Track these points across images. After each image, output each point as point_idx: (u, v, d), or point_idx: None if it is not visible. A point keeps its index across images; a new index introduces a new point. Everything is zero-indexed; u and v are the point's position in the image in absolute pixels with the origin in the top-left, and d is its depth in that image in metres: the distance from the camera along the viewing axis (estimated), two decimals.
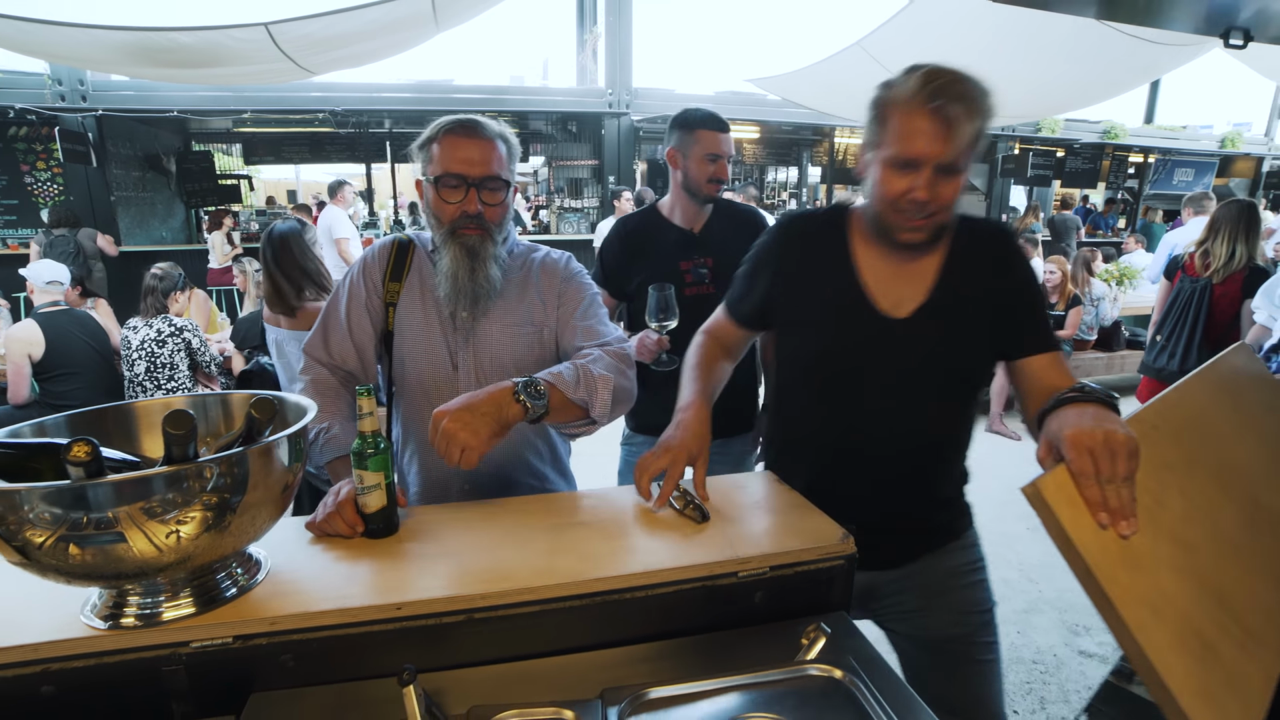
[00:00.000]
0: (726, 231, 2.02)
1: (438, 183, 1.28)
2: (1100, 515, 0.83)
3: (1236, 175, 12.11)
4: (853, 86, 7.03)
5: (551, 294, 1.41)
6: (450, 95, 8.58)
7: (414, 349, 1.36)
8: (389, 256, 1.40)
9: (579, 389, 1.19)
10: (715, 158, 1.88)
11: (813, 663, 0.90)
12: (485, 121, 1.30)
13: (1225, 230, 3.20)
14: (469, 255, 1.29)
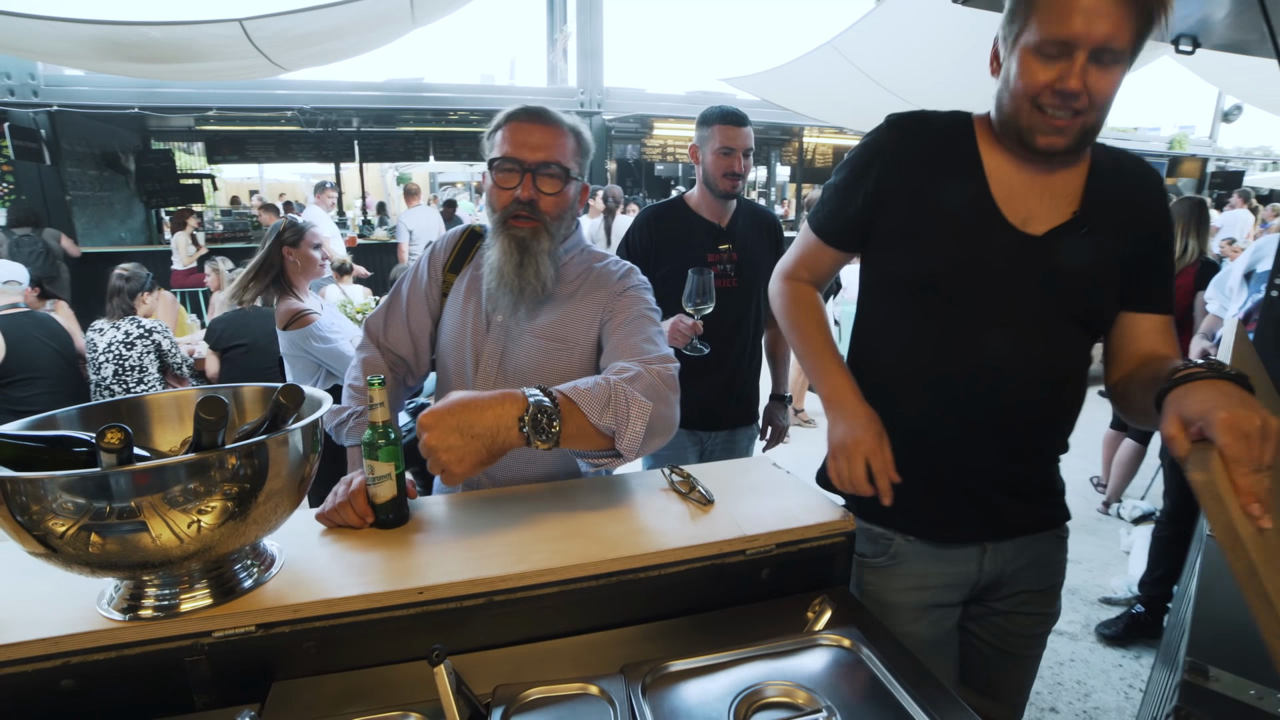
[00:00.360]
0: (750, 229, 2.07)
1: (493, 166, 1.22)
2: (1253, 506, 0.73)
3: (1184, 175, 12.61)
4: (824, 86, 7.17)
5: (595, 308, 1.29)
6: (420, 94, 8.50)
7: (447, 343, 1.35)
8: (454, 246, 1.39)
9: (606, 413, 1.01)
10: (729, 151, 1.93)
11: (822, 633, 0.95)
12: (555, 112, 1.25)
13: (1179, 226, 3.35)
14: (518, 248, 1.21)
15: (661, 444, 1.11)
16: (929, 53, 6.14)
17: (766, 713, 0.82)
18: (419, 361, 1.40)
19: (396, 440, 1.03)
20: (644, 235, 2.04)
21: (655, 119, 10.45)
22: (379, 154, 9.23)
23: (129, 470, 0.71)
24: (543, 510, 1.12)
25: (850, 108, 7.90)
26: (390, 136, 9.10)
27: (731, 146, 1.93)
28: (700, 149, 1.99)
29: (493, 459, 0.94)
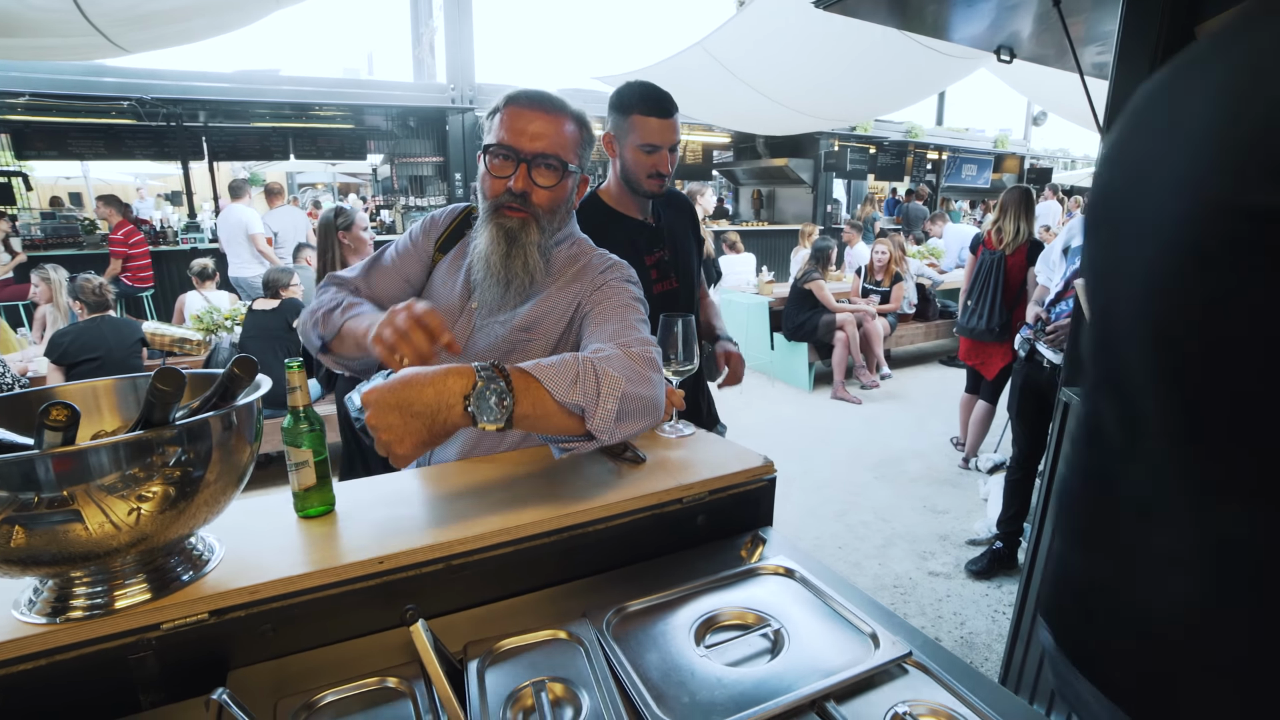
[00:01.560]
0: (673, 218, 1.83)
1: (487, 152, 1.18)
2: None
3: (1007, 171, 14.32)
4: (696, 85, 7.46)
5: (570, 298, 1.25)
6: (277, 86, 7.93)
7: None
8: (448, 223, 1.37)
9: (574, 390, 0.94)
10: (653, 149, 1.61)
11: (760, 563, 1.05)
12: (559, 98, 1.20)
13: (1011, 211, 3.85)
14: (506, 238, 1.17)
15: (644, 428, 1.03)
16: (791, 54, 6.58)
17: (722, 633, 0.90)
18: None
19: (318, 426, 1.00)
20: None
21: None
22: (232, 152, 8.48)
23: (79, 449, 0.67)
24: (482, 480, 1.14)
25: (720, 106, 8.29)
26: (244, 133, 8.40)
27: (656, 143, 1.60)
28: (616, 141, 1.66)
29: (435, 439, 0.88)
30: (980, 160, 13.87)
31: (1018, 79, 8.61)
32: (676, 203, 1.90)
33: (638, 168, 1.64)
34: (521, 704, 0.77)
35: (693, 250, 1.88)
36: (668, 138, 1.61)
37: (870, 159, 12.32)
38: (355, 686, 0.80)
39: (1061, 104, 9.75)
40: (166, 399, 0.71)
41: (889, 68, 6.81)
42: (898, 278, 6.21)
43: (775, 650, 0.86)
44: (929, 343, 6.92)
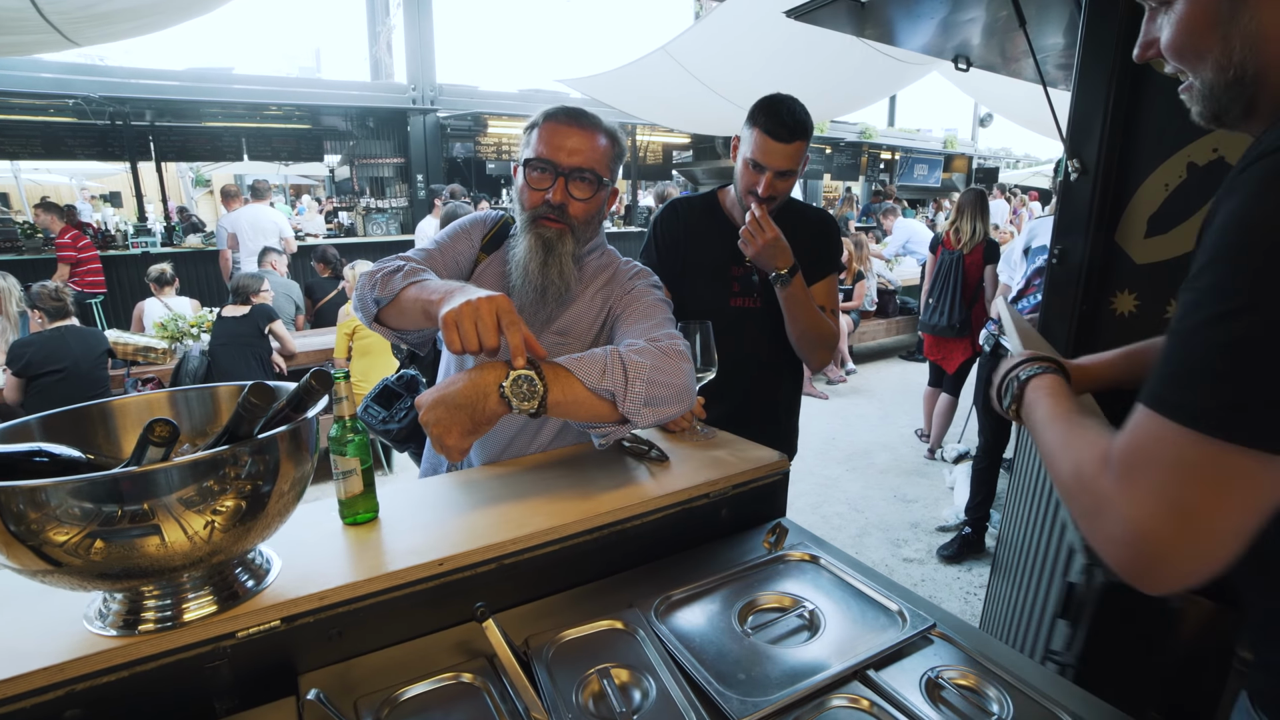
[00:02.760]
0: (794, 239, 1.62)
1: (527, 165, 1.24)
2: None
3: (956, 171, 14.86)
4: (658, 89, 7.55)
5: (601, 303, 1.34)
6: (230, 85, 7.70)
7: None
8: (492, 225, 1.41)
9: (605, 378, 1.02)
10: (759, 167, 1.54)
11: (786, 552, 1.12)
12: (594, 115, 1.26)
13: (968, 212, 4.04)
14: (544, 248, 1.23)
15: (675, 413, 1.10)
16: (753, 60, 6.72)
17: (763, 615, 0.98)
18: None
19: (362, 434, 1.04)
20: (674, 226, 1.72)
21: (489, 116, 10.31)
22: (181, 153, 8.18)
23: (175, 464, 0.70)
24: (521, 481, 1.19)
25: (682, 111, 8.39)
26: (195, 133, 8.11)
27: (761, 162, 1.53)
28: (740, 147, 1.61)
29: (479, 427, 0.98)
30: (931, 160, 14.36)
31: (966, 82, 8.97)
32: (809, 224, 1.73)
33: (741, 179, 1.60)
34: (590, 689, 0.83)
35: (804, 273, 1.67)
36: (776, 161, 1.52)
37: (826, 159, 12.63)
38: (432, 682, 0.84)
39: (1007, 107, 10.19)
40: (257, 413, 0.74)
41: (846, 71, 7.02)
42: (859, 276, 6.42)
43: (812, 629, 0.94)
44: (890, 338, 7.16)
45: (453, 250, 1.38)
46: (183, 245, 7.54)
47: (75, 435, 0.90)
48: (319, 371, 0.81)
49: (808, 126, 1.52)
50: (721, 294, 1.69)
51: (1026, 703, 0.81)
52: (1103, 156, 1.85)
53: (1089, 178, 1.87)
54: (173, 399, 0.96)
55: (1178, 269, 1.79)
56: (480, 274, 1.39)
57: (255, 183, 6.47)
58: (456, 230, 1.41)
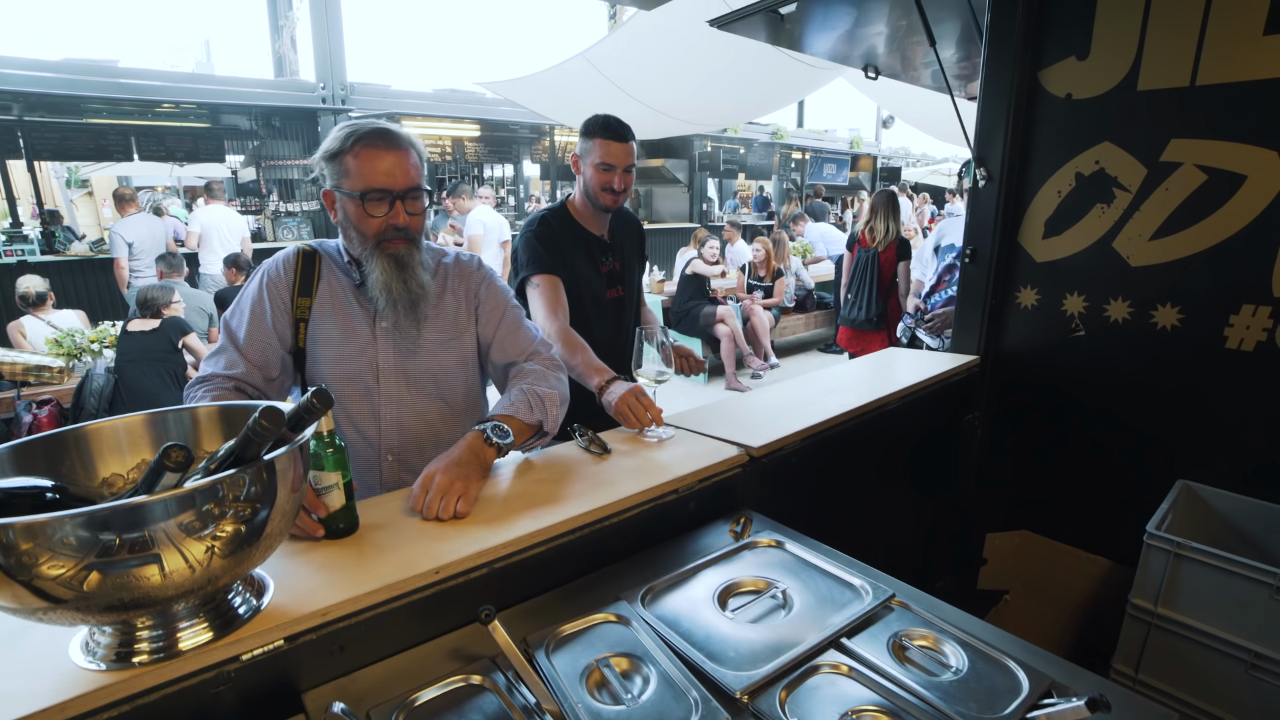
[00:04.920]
0: (624, 236, 2.08)
1: (364, 198, 1.26)
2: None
3: (862, 170, 15.66)
4: (578, 94, 7.58)
5: (468, 297, 1.45)
6: (116, 80, 7.13)
7: (332, 364, 1.34)
8: (295, 269, 1.35)
9: (534, 413, 1.33)
10: (608, 167, 1.85)
11: (753, 539, 1.21)
12: (397, 129, 1.29)
13: (881, 212, 4.32)
14: (398, 266, 1.29)
15: (564, 411, 1.41)
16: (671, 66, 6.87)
17: (740, 598, 1.06)
18: (273, 392, 1.35)
19: (343, 448, 1.05)
20: (552, 234, 1.90)
21: (404, 117, 10.02)
22: (59, 151, 7.49)
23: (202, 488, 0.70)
24: (491, 490, 1.22)
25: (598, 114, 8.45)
26: (75, 130, 7.44)
27: (611, 163, 1.85)
28: (581, 160, 1.91)
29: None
30: (839, 160, 15.06)
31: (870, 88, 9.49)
32: (627, 222, 2.13)
33: (596, 183, 1.88)
34: (594, 678, 0.88)
35: (636, 264, 2.14)
36: (622, 159, 1.87)
37: (741, 159, 13.01)
38: (441, 686, 0.87)
39: (906, 110, 10.86)
40: (266, 436, 0.74)
41: (761, 76, 7.29)
42: (779, 273, 6.69)
43: (786, 607, 1.03)
44: (808, 332, 7.49)
45: (259, 328, 1.32)
46: (68, 253, 6.92)
47: (48, 463, 0.87)
48: (320, 390, 0.82)
49: (632, 131, 1.90)
50: (600, 287, 1.98)
51: (978, 655, 0.93)
52: (1005, 165, 2.05)
53: (994, 184, 2.07)
54: (150, 422, 0.94)
55: (1070, 267, 2.02)
56: (318, 326, 1.34)
57: (211, 183, 6.13)
58: (253, 302, 1.34)
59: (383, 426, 1.37)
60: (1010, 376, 2.21)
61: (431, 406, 1.42)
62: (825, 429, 1.57)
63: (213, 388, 1.26)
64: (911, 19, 2.47)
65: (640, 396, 1.50)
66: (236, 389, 1.29)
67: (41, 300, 4.28)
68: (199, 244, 6.03)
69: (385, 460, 1.39)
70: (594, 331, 1.87)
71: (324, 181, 1.31)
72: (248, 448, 0.75)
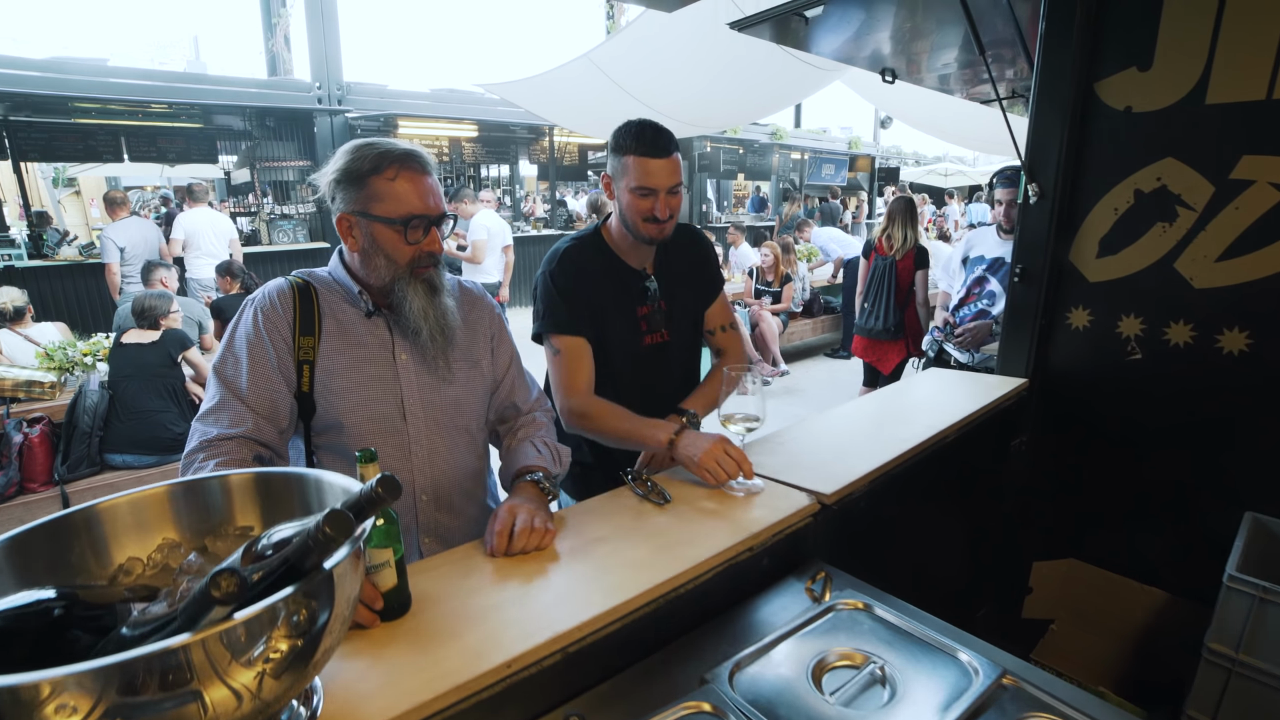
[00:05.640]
0: (678, 262, 1.68)
1: (407, 225, 1.17)
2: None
3: (860, 170, 15.60)
4: (580, 96, 7.45)
5: (483, 326, 1.40)
6: (105, 80, 6.95)
7: (353, 407, 1.22)
8: (293, 306, 1.22)
9: (558, 464, 1.35)
10: (648, 192, 1.47)
11: (835, 601, 1.11)
12: (423, 151, 1.21)
13: (898, 219, 4.23)
14: (432, 292, 1.23)
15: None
16: (675, 68, 6.76)
17: (836, 675, 0.96)
18: (281, 444, 1.22)
19: (394, 520, 0.93)
20: (573, 276, 1.57)
21: (401, 117, 9.87)
22: (45, 152, 7.29)
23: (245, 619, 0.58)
24: (550, 561, 1.11)
25: (600, 116, 8.33)
26: (62, 130, 7.25)
27: (651, 186, 1.46)
28: (614, 182, 1.54)
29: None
30: (837, 160, 15.00)
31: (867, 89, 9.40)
32: (683, 243, 1.71)
33: (633, 212, 1.51)
34: None
35: (696, 297, 1.73)
36: (664, 179, 1.47)
37: (740, 160, 12.93)
38: None
39: (904, 111, 10.78)
40: (331, 548, 0.63)
41: (763, 77, 7.18)
42: (787, 278, 6.60)
43: (888, 687, 0.93)
44: (815, 337, 7.42)
45: (262, 373, 1.18)
46: (57, 258, 6.73)
47: (54, 553, 0.76)
48: (387, 479, 0.69)
49: (675, 141, 1.51)
50: (634, 334, 1.64)
51: None
52: (1058, 181, 1.96)
53: (1046, 201, 1.98)
54: (173, 495, 0.82)
55: (1127, 287, 1.93)
56: (330, 368, 1.22)
57: (193, 185, 6.00)
58: (250, 343, 1.19)
59: (415, 466, 1.27)
60: (1060, 400, 2.12)
61: (459, 439, 1.33)
62: (891, 468, 1.47)
63: (221, 455, 1.10)
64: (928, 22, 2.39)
65: (729, 448, 1.32)
66: (249, 451, 1.15)
67: (20, 315, 4.06)
68: (184, 249, 5.86)
69: (420, 500, 1.28)
70: (619, 387, 1.58)
71: (338, 203, 1.19)
72: (306, 557, 0.63)
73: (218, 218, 6.17)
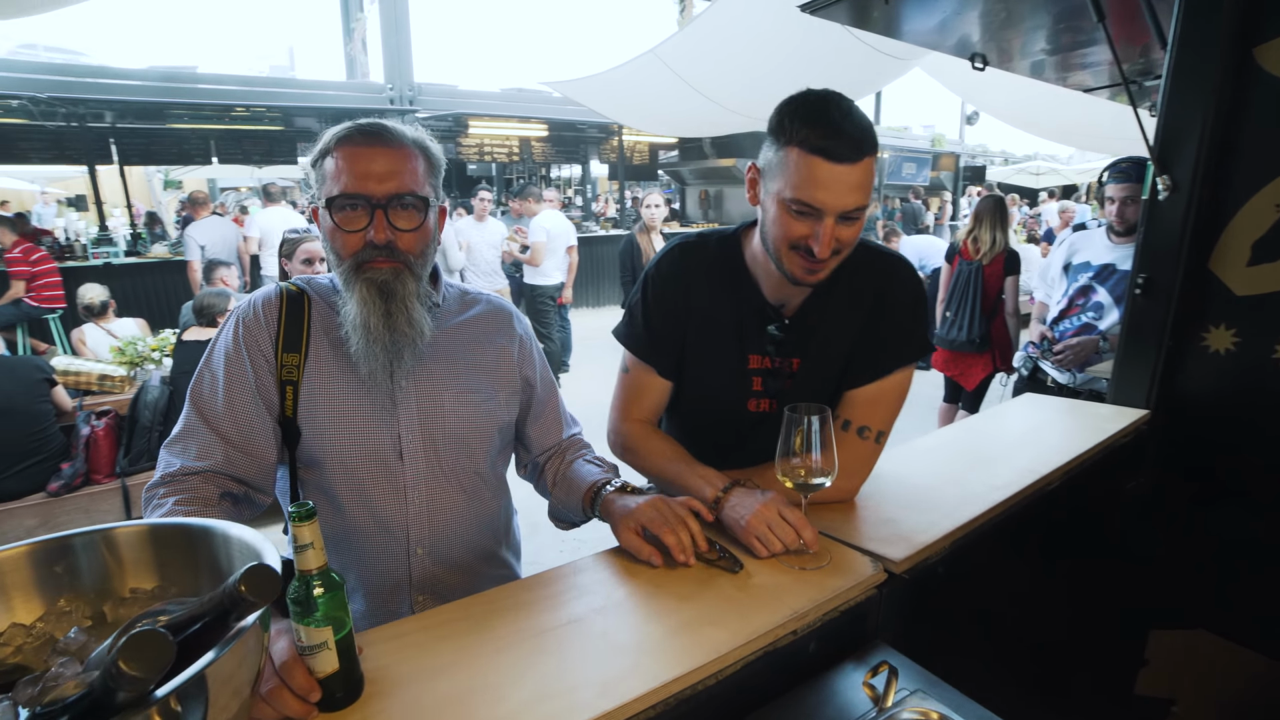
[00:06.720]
0: (841, 310, 1.18)
1: (332, 206, 0.98)
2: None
3: (944, 169, 14.76)
4: (645, 93, 7.27)
5: (508, 348, 1.20)
6: (195, 85, 7.30)
7: (339, 437, 1.05)
8: (278, 318, 1.06)
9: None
10: (807, 211, 0.99)
11: (902, 707, 0.86)
12: (396, 125, 1.03)
13: (986, 221, 3.82)
14: (381, 295, 1.00)
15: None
16: (745, 59, 6.47)
17: None
18: (261, 479, 1.05)
19: (337, 589, 0.73)
20: (676, 290, 1.21)
21: (470, 117, 9.98)
22: (146, 155, 7.75)
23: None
24: (541, 622, 0.91)
25: (667, 115, 8.12)
26: (160, 135, 7.68)
27: (813, 204, 0.98)
28: (761, 180, 1.07)
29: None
30: (919, 159, 14.24)
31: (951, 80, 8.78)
32: (872, 284, 1.18)
33: (779, 233, 1.03)
34: None
35: (848, 366, 1.20)
36: (838, 197, 0.97)
37: None
38: None
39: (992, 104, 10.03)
40: (137, 685, 0.44)
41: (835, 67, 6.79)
42: None
43: None
44: None
45: (239, 394, 1.03)
46: (147, 255, 7.12)
47: None
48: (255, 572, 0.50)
49: (872, 132, 0.99)
50: (737, 390, 1.22)
51: None
52: (1198, 172, 1.61)
53: (1181, 196, 1.63)
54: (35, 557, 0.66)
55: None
56: (315, 391, 1.05)
57: (268, 185, 6.29)
58: (227, 358, 1.04)
59: (410, 514, 1.09)
60: (1190, 437, 1.76)
61: (466, 483, 1.14)
62: (979, 524, 1.19)
63: (181, 493, 0.95)
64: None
65: (786, 510, 1.03)
66: (215, 488, 0.99)
67: (104, 309, 4.30)
68: (260, 247, 6.05)
69: (414, 554, 1.10)
70: (698, 446, 1.23)
71: (313, 195, 1.05)
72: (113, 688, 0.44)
73: (291, 216, 6.36)
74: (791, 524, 1.02)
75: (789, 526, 1.02)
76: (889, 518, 1.17)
